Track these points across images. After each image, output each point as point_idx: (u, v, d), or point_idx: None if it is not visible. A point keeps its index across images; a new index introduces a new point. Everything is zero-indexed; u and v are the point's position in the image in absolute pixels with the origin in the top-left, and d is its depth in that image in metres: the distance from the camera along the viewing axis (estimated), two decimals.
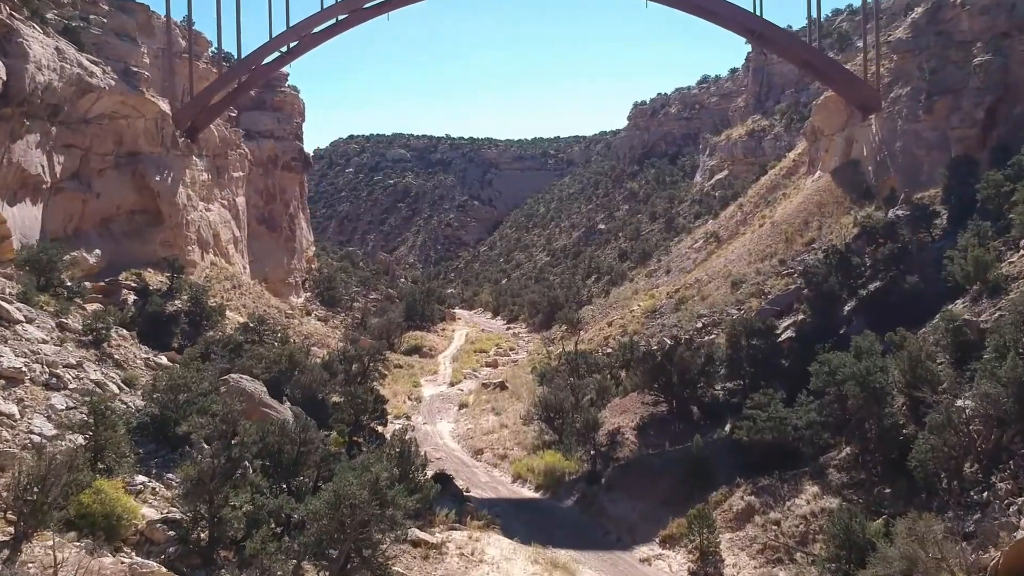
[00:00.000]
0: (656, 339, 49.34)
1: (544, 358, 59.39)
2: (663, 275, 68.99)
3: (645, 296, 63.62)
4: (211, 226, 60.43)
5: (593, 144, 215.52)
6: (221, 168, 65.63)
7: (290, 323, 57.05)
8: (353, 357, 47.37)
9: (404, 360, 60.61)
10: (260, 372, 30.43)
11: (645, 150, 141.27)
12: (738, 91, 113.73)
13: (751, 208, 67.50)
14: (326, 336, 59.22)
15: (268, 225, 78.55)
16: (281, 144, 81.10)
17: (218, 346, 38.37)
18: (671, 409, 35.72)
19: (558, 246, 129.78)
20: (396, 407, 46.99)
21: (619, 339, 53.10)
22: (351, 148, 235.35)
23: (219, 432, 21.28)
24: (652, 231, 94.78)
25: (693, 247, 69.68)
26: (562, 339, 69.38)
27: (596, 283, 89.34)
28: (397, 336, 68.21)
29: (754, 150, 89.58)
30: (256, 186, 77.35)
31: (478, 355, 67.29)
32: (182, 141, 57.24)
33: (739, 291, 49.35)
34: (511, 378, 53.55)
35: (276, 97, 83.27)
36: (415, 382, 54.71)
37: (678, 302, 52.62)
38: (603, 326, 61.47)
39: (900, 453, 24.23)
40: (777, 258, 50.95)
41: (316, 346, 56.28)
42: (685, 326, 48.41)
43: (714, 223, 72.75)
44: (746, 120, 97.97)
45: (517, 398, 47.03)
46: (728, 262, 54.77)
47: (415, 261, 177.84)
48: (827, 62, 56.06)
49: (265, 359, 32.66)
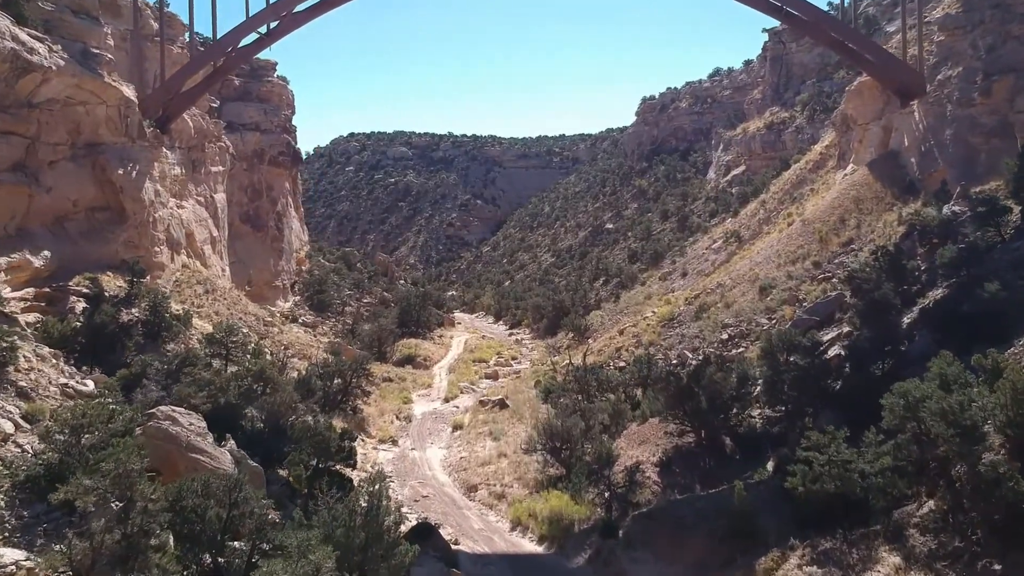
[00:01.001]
0: (676, 352, 43.92)
1: (548, 369, 54.07)
2: (679, 278, 63.48)
3: (660, 301, 58.13)
4: (183, 225, 55.15)
5: (599, 141, 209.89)
6: (197, 162, 60.36)
7: (268, 332, 51.74)
8: (333, 372, 42.09)
9: (395, 372, 55.22)
10: (201, 401, 25.03)
11: (654, 146, 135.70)
12: (753, 83, 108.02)
13: (775, 205, 61.95)
14: (309, 346, 53.91)
15: (253, 224, 73.30)
16: (267, 137, 75.83)
17: (169, 364, 33.08)
18: (699, 440, 30.25)
19: (563, 246, 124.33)
20: (382, 429, 41.68)
21: (632, 350, 47.71)
22: (351, 146, 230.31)
23: (113, 496, 15.94)
24: (664, 230, 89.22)
25: (711, 248, 64.14)
26: (568, 347, 63.96)
27: (604, 286, 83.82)
28: (389, 345, 62.85)
29: (773, 144, 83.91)
30: (240, 182, 72.09)
31: (477, 365, 61.89)
32: (151, 131, 51.89)
33: (769, 297, 43.85)
34: (512, 394, 48.13)
35: (262, 87, 78.03)
36: (406, 398, 49.32)
37: (698, 309, 47.12)
38: (613, 334, 55.99)
39: (1009, 513, 18.81)
40: (810, 260, 45.41)
41: (296, 357, 51.06)
42: (708, 337, 42.95)
43: (733, 222, 67.21)
44: (763, 113, 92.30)
45: (519, 418, 41.61)
46: (754, 264, 49.25)
47: (416, 262, 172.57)
48: (862, 42, 50.43)
49: (211, 384, 27.13)
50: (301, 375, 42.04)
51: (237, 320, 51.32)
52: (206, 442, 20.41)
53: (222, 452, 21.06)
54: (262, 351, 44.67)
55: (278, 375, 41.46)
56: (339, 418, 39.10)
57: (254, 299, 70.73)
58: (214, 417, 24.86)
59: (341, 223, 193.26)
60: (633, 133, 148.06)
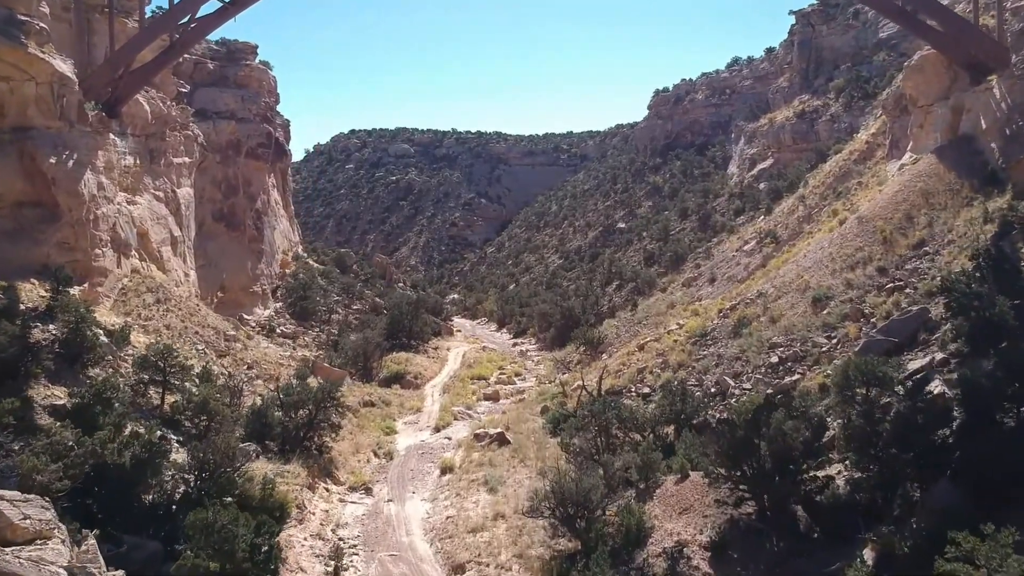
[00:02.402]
0: (713, 377, 36.22)
1: (557, 392, 46.48)
2: (705, 284, 55.76)
3: (686, 312, 50.43)
4: (135, 223, 47.74)
5: (609, 138, 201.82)
6: (156, 151, 52.95)
7: (230, 348, 44.28)
8: (295, 401, 34.56)
9: (379, 394, 47.62)
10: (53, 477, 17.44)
11: (668, 141, 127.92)
12: (778, 71, 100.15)
13: (816, 201, 54.17)
14: (279, 364, 46.39)
15: (228, 223, 65.94)
16: (245, 127, 68.44)
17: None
18: (762, 510, 22.55)
19: (572, 247, 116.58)
20: (354, 472, 34.12)
21: (658, 372, 39.99)
22: (352, 143, 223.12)
23: None
24: (683, 230, 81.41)
25: (743, 249, 56.38)
26: (579, 363, 56.31)
27: (618, 291, 76.11)
28: (376, 360, 55.28)
29: (805, 134, 76.07)
30: (212, 176, 64.75)
31: (475, 384, 54.31)
32: (94, 115, 44.46)
33: (825, 311, 36.08)
34: (514, 423, 40.54)
35: (240, 72, 70.68)
36: (388, 427, 41.74)
37: (737, 324, 39.39)
38: (632, 350, 48.28)
39: None
40: (874, 265, 37.61)
41: (262, 379, 43.61)
42: (752, 359, 35.21)
43: (767, 220, 59.43)
44: (792, 101, 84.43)
45: (521, 459, 34.03)
46: (802, 270, 41.48)
47: (417, 263, 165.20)
48: (934, 8, 42.56)
49: (74, 454, 19.42)
50: (257, 405, 34.55)
51: (192, 334, 43.99)
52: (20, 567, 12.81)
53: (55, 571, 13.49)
54: (212, 374, 37.34)
55: (226, 406, 34.18)
56: (298, 462, 31.60)
57: (228, 307, 63.44)
58: (76, 496, 17.38)
59: (340, 223, 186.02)
60: (645, 128, 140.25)
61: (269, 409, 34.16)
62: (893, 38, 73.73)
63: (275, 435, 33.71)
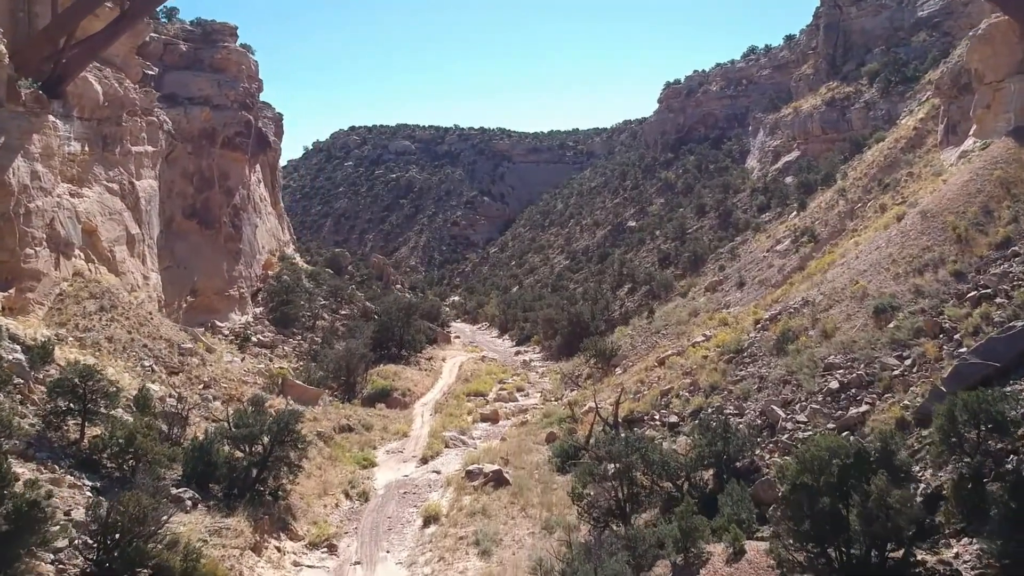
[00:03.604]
0: (756, 404, 29.78)
1: (565, 414, 40.16)
2: (733, 289, 49.34)
3: (713, 321, 44.08)
4: (79, 218, 41.62)
5: (616, 134, 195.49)
6: (111, 138, 46.78)
7: (185, 364, 38.04)
8: (245, 435, 28.26)
9: (360, 416, 41.24)
10: None
11: (680, 135, 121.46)
12: (799, 59, 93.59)
13: (859, 195, 47.74)
14: (241, 382, 40.09)
15: (201, 220, 59.75)
16: (221, 114, 62.24)
17: None
18: None
19: (579, 247, 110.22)
20: (318, 522, 27.80)
21: (686, 396, 33.55)
22: (352, 140, 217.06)
23: None
24: (701, 228, 74.97)
25: (775, 250, 49.96)
26: (590, 377, 50.00)
27: (631, 295, 69.75)
28: (360, 373, 48.97)
29: (836, 123, 69.58)
30: (183, 168, 58.57)
31: (472, 401, 48.01)
32: (28, 92, 38.36)
33: (892, 324, 29.62)
34: (515, 454, 34.25)
35: (216, 55, 64.48)
36: (366, 458, 35.37)
37: (780, 338, 32.96)
38: (651, 364, 41.96)
39: None
40: (949, 268, 31.16)
41: (221, 400, 37.32)
42: (805, 384, 28.75)
43: (801, 217, 52.99)
44: (818, 89, 77.86)
45: (522, 507, 27.77)
46: (855, 273, 35.05)
47: (417, 264, 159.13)
48: None
49: None
50: (200, 439, 28.26)
51: (139, 348, 37.73)
52: None
53: None
54: (150, 399, 31.09)
55: (163, 440, 27.99)
56: (244, 513, 25.27)
57: (200, 312, 57.33)
58: None
59: (338, 222, 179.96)
60: (656, 121, 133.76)
61: (213, 444, 27.89)
62: (935, 16, 67.25)
63: (220, 476, 27.46)
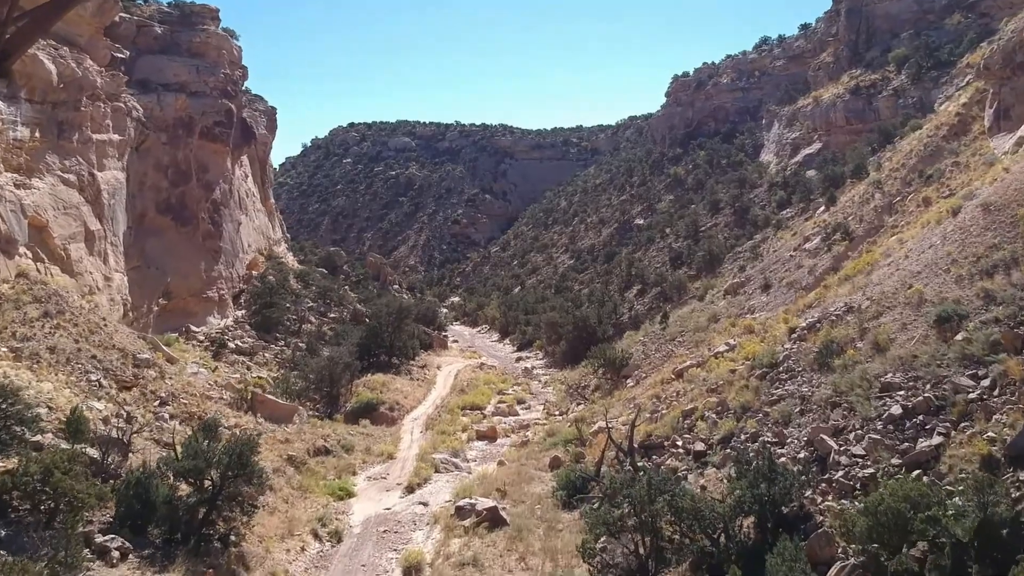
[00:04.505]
0: (801, 432, 25.05)
1: (571, 432, 35.52)
2: (757, 292, 44.67)
3: (735, 327, 39.39)
4: (25, 212, 37.15)
5: (621, 130, 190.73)
6: (67, 124, 42.30)
7: (140, 376, 33.44)
8: (190, 469, 23.66)
9: (340, 435, 36.52)
10: None
11: (689, 129, 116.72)
12: (816, 47, 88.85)
13: (898, 187, 43.07)
14: (205, 397, 35.44)
15: (176, 216, 55.24)
16: (199, 102, 57.72)
17: None
18: None
19: (584, 246, 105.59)
20: (277, 572, 23.12)
21: (713, 417, 28.88)
22: (351, 136, 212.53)
23: None
24: (716, 226, 70.30)
25: (804, 248, 45.28)
26: (597, 389, 45.39)
27: (640, 297, 65.12)
28: (345, 384, 44.38)
29: (862, 113, 64.91)
30: (156, 159, 54.06)
31: (468, 415, 43.40)
32: None
33: (960, 336, 24.87)
34: (513, 484, 29.64)
35: (195, 38, 59.99)
36: (344, 487, 30.70)
37: (823, 350, 28.19)
38: (668, 377, 37.31)
39: None
40: (1022, 270, 26.51)
41: (180, 418, 32.70)
42: (859, 407, 23.95)
43: (831, 212, 48.31)
44: (839, 78, 73.18)
45: (521, 556, 23.18)
46: (908, 275, 30.32)
47: (416, 263, 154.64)
48: None
49: None
50: (135, 473, 23.66)
51: (87, 360, 33.14)
52: None
53: None
54: (83, 423, 26.50)
55: (86, 476, 23.37)
56: (185, 565, 20.70)
57: (174, 316, 52.87)
58: None
59: (336, 220, 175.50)
60: (663, 116, 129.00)
61: (151, 480, 23.29)
62: None
63: (160, 519, 22.88)
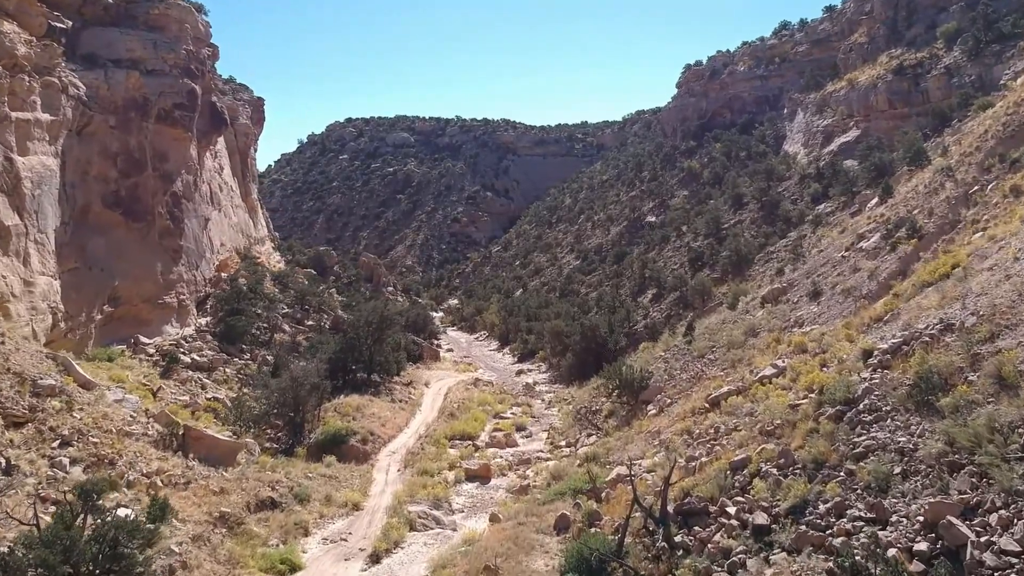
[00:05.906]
0: (911, 508, 17.81)
1: (583, 482, 28.32)
2: (804, 300, 37.45)
3: (780, 343, 32.26)
4: None
5: (629, 125, 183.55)
6: None
7: (38, 408, 26.47)
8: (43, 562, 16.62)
9: (295, 478, 29.42)
10: None
11: (703, 121, 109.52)
12: (846, 29, 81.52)
13: (974, 175, 35.85)
14: (124, 434, 28.41)
15: (127, 211, 48.22)
16: (156, 81, 50.74)
17: None
18: None
19: (591, 245, 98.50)
20: None
21: (773, 473, 21.68)
22: (348, 132, 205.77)
23: None
24: (741, 223, 63.11)
25: (858, 247, 38.11)
26: (611, 416, 38.27)
27: (656, 303, 58.02)
28: (313, 408, 37.30)
29: (907, 94, 57.66)
30: (103, 145, 47.04)
31: (456, 447, 36.35)
32: None
33: None
34: (507, 558, 22.60)
35: (152, 9, 53.01)
36: (289, 557, 23.66)
37: (919, 384, 21.02)
38: (700, 406, 30.22)
39: None
40: None
41: (85, 464, 25.69)
42: (998, 476, 16.87)
43: (889, 206, 41.13)
44: (876, 58, 65.92)
45: None
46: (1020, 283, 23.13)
47: (414, 263, 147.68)
48: None
49: None
50: None
51: None
52: None
53: None
54: None
55: None
56: None
57: (124, 325, 46.00)
58: None
59: (331, 219, 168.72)
60: (675, 108, 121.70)
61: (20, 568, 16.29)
62: None
63: None
